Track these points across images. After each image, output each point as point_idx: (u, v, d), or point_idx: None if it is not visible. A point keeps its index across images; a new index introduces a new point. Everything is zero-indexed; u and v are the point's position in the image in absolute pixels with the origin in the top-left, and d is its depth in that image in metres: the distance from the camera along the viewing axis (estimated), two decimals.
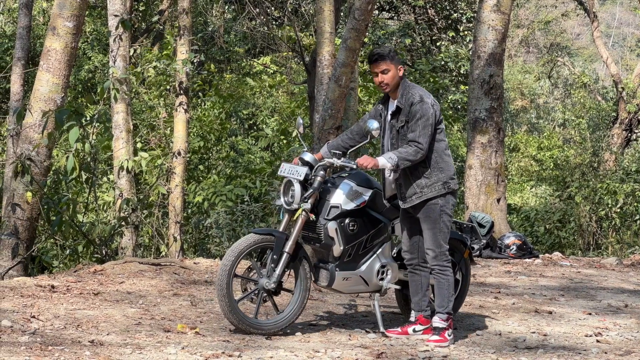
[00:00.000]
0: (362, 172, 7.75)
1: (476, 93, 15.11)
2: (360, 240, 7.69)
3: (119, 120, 15.89)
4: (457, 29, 26.75)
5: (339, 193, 7.64)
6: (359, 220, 7.68)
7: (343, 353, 6.94)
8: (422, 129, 7.28)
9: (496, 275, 12.04)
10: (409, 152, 7.28)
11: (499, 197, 15.01)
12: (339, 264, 7.64)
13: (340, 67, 12.67)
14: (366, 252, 7.76)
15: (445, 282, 7.53)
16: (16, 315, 7.62)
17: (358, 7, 12.43)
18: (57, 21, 10.74)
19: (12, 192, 10.64)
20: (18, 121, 10.91)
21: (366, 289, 7.82)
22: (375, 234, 7.80)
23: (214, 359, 6.53)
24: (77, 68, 25.91)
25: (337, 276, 7.61)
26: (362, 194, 7.70)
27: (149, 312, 8.15)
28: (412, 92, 7.39)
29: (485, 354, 7.11)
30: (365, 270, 7.73)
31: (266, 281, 7.42)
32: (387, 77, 7.46)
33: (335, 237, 7.56)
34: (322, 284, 7.71)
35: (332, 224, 7.56)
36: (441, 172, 7.44)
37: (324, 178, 7.62)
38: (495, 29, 15.05)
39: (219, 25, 26.96)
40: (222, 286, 7.29)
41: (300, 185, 7.56)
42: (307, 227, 7.69)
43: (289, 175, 7.63)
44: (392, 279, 7.84)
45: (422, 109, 7.30)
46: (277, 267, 7.43)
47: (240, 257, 7.37)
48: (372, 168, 7.35)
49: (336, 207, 7.59)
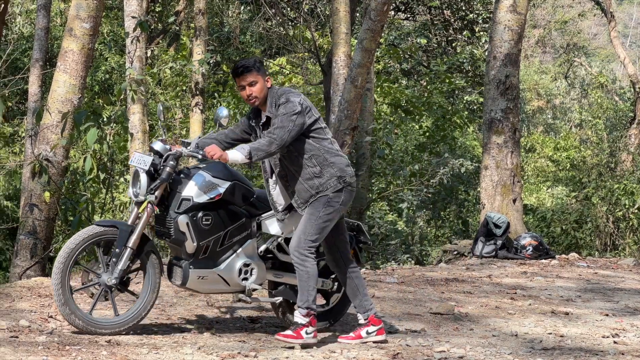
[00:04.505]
0: (220, 162, 7.18)
1: (492, 94, 15.08)
2: (216, 236, 7.19)
3: (136, 121, 15.91)
4: (473, 29, 26.70)
5: (191, 185, 7.12)
6: (214, 214, 7.18)
7: (359, 353, 6.95)
8: (281, 122, 6.97)
9: (512, 276, 12.03)
10: (262, 142, 6.95)
11: (515, 197, 14.98)
12: (194, 262, 7.16)
13: (356, 68, 12.69)
14: (225, 250, 7.26)
15: (305, 274, 7.09)
16: (34, 315, 7.65)
17: (374, 8, 12.44)
18: (74, 22, 10.78)
19: (30, 192, 10.69)
20: (37, 122, 10.96)
21: (227, 289, 7.34)
22: (236, 230, 7.29)
23: (230, 359, 6.54)
24: (94, 69, 25.99)
25: (191, 274, 7.13)
26: (218, 186, 7.19)
27: (165, 313, 8.18)
28: (279, 96, 7.12)
29: (502, 355, 7.10)
30: (224, 268, 7.24)
31: (108, 277, 7.01)
32: (255, 89, 7.14)
33: (186, 232, 7.06)
34: (176, 283, 7.27)
35: (182, 218, 7.06)
36: (332, 168, 7.16)
37: (174, 168, 7.13)
38: (512, 29, 15.03)
39: (234, 26, 27.00)
40: (56, 278, 6.85)
41: (147, 175, 7.10)
42: (158, 221, 7.28)
43: (136, 165, 7.16)
44: (258, 279, 7.35)
45: (285, 107, 7.02)
46: (120, 263, 7.01)
47: (79, 249, 6.92)
48: (219, 159, 6.93)
49: (187, 199, 7.09)
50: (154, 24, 26.17)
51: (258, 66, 7.14)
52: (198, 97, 20.80)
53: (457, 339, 7.65)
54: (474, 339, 7.68)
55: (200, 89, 20.87)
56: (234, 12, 27.76)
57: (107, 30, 27.90)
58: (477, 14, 26.36)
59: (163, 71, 22.84)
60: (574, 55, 40.37)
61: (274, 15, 24.59)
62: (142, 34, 14.78)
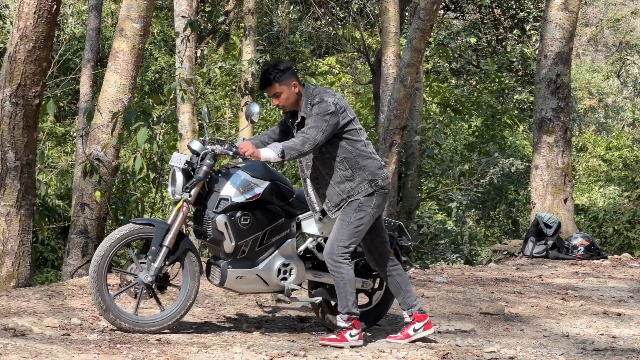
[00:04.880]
0: (259, 162, 7.17)
1: (543, 93, 14.98)
2: (255, 236, 7.16)
3: (185, 120, 16.01)
4: (524, 28, 26.55)
5: (229, 184, 7.10)
6: (253, 214, 7.15)
7: (408, 353, 6.92)
8: (314, 122, 6.93)
9: (563, 276, 11.94)
10: (295, 141, 6.90)
11: (566, 197, 14.87)
12: (232, 261, 7.14)
13: (406, 67, 12.67)
14: (264, 249, 7.23)
15: (340, 280, 7.07)
16: (85, 314, 7.72)
17: (423, 7, 12.41)
18: (124, 23, 10.85)
19: (81, 191, 10.77)
20: (88, 121, 11.04)
21: (266, 289, 7.31)
22: (275, 229, 7.25)
23: (280, 358, 6.55)
24: (144, 69, 26.15)
25: (229, 274, 7.12)
26: (256, 186, 7.15)
27: (215, 312, 8.21)
28: (314, 96, 7.06)
29: (553, 356, 7.04)
30: (263, 268, 7.21)
31: (144, 275, 7.04)
32: (281, 99, 7.13)
33: (225, 232, 7.05)
34: (215, 282, 7.27)
35: (220, 218, 7.04)
36: (364, 171, 7.09)
37: (211, 167, 7.10)
38: (563, 28, 14.91)
39: (284, 26, 27.06)
40: (94, 279, 6.90)
41: (183, 174, 7.12)
42: (197, 221, 7.29)
43: (173, 164, 7.18)
44: (297, 279, 7.32)
45: (319, 106, 6.97)
46: (156, 261, 7.02)
47: (115, 247, 6.96)
48: (252, 156, 6.89)
49: (225, 199, 7.07)
50: (204, 23, 26.29)
51: (278, 77, 7.08)
52: (247, 96, 20.88)
53: (507, 340, 7.61)
54: (524, 340, 7.63)
55: (249, 88, 20.95)
56: (283, 11, 27.82)
57: (157, 30, 28.07)
58: (527, 12, 26.19)
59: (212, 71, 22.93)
60: (626, 54, 39.99)
61: (323, 14, 24.61)
62: (192, 33, 14.87)
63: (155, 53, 27.42)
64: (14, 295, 8.34)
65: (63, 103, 25.19)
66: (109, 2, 27.44)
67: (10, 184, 8.88)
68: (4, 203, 8.91)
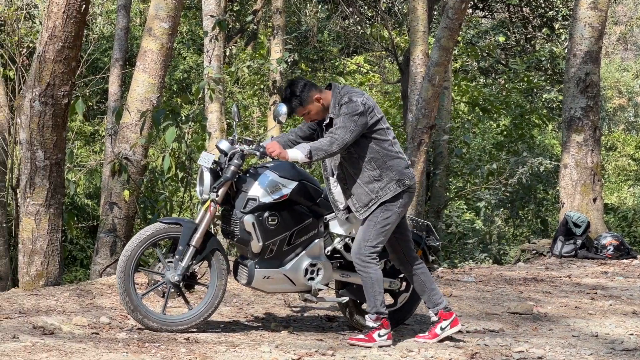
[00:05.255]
0: (287, 162, 7.10)
1: (572, 92, 14.91)
2: (282, 236, 7.15)
3: (213, 119, 16.02)
4: (553, 26, 26.43)
5: (257, 184, 7.10)
6: (281, 214, 7.14)
7: (436, 353, 6.91)
8: (343, 122, 6.91)
9: (592, 276, 11.88)
10: (323, 142, 6.90)
11: (595, 196, 14.80)
12: (259, 261, 7.14)
13: (434, 66, 12.65)
14: (292, 249, 7.22)
15: (368, 280, 7.09)
16: (114, 312, 7.75)
17: (451, 6, 12.38)
18: (153, 22, 10.88)
19: (110, 190, 10.81)
20: (117, 121, 11.07)
21: (293, 288, 7.31)
22: (303, 230, 7.24)
23: (308, 357, 6.55)
24: (173, 68, 26.21)
25: (256, 274, 7.11)
26: (284, 186, 7.14)
27: (243, 311, 8.22)
28: (342, 96, 7.03)
29: (582, 356, 7.01)
30: (290, 268, 7.21)
31: (171, 274, 7.06)
32: (311, 115, 7.12)
33: (252, 232, 7.04)
34: (242, 282, 7.28)
35: (248, 218, 7.03)
36: (391, 171, 7.08)
37: (239, 167, 7.11)
38: (592, 27, 14.84)
39: (312, 25, 27.05)
40: (122, 279, 6.93)
41: (211, 174, 7.12)
42: (224, 220, 7.29)
43: (201, 164, 7.18)
44: (324, 279, 7.31)
45: (347, 106, 6.94)
46: (183, 260, 7.04)
47: (142, 247, 6.99)
48: (279, 157, 6.89)
49: (253, 199, 7.06)
50: (232, 23, 26.33)
51: (298, 102, 7.05)
52: (276, 95, 20.88)
53: (536, 339, 7.58)
54: (553, 339, 7.60)
55: (277, 87, 20.95)
56: (311, 10, 27.82)
57: (185, 30, 28.13)
58: (556, 10, 26.07)
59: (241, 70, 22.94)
60: None
61: (352, 13, 24.60)
62: (220, 33, 14.87)
63: (183, 52, 27.48)
64: (43, 294, 8.39)
65: (92, 102, 25.29)
66: (137, 2, 27.54)
67: (40, 183, 8.93)
68: (33, 202, 8.96)
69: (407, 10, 21.65)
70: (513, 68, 25.12)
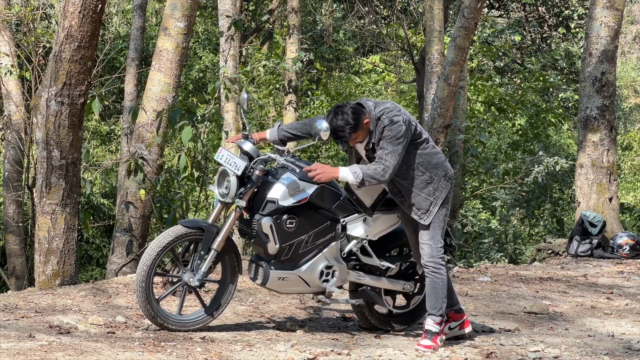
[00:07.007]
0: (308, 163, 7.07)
1: (587, 91, 14.87)
2: (300, 238, 7.10)
3: (229, 119, 16.05)
4: (569, 26, 26.37)
5: (277, 187, 7.01)
6: (299, 217, 7.07)
7: (452, 352, 6.91)
8: (391, 147, 6.83)
9: (608, 275, 11.85)
10: (377, 171, 6.82)
11: (611, 196, 14.76)
12: (275, 263, 7.08)
13: (450, 66, 12.64)
14: (308, 252, 7.17)
15: (440, 281, 7.12)
16: (130, 312, 7.77)
17: (467, 6, 12.37)
18: (168, 22, 10.89)
19: (126, 190, 10.83)
20: (133, 120, 11.09)
21: (308, 290, 7.28)
22: (320, 232, 7.18)
23: (323, 356, 6.55)
24: (188, 68, 26.26)
25: (271, 275, 7.06)
26: (304, 190, 7.06)
27: (259, 310, 8.23)
28: (379, 117, 6.91)
29: (598, 356, 7.00)
30: (305, 270, 7.16)
31: (190, 277, 7.02)
32: (357, 140, 6.99)
33: (269, 234, 6.98)
34: (257, 282, 7.21)
35: (266, 220, 6.96)
36: (438, 169, 7.09)
37: (263, 172, 7.03)
38: (608, 26, 14.79)
39: (328, 24, 27.05)
40: (142, 287, 6.90)
41: (237, 179, 6.98)
42: (242, 220, 7.20)
43: (226, 166, 7.03)
44: (339, 281, 7.27)
45: (391, 129, 6.83)
46: (203, 265, 7.01)
47: (162, 255, 6.95)
48: (325, 181, 6.91)
49: (272, 202, 6.98)
50: (248, 22, 26.35)
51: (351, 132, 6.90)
52: (291, 95, 20.91)
53: (551, 339, 7.57)
54: (569, 339, 7.59)
55: (293, 87, 20.97)
56: (327, 10, 27.83)
57: (201, 29, 28.18)
58: (572, 10, 26.02)
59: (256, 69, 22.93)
60: None
61: (367, 13, 24.58)
62: (236, 32, 14.91)
63: (199, 52, 27.53)
64: (59, 293, 8.41)
65: (108, 102, 25.37)
66: (153, 1, 27.61)
67: (56, 182, 8.96)
68: (49, 201, 8.98)
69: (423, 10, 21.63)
70: (529, 67, 25.08)
